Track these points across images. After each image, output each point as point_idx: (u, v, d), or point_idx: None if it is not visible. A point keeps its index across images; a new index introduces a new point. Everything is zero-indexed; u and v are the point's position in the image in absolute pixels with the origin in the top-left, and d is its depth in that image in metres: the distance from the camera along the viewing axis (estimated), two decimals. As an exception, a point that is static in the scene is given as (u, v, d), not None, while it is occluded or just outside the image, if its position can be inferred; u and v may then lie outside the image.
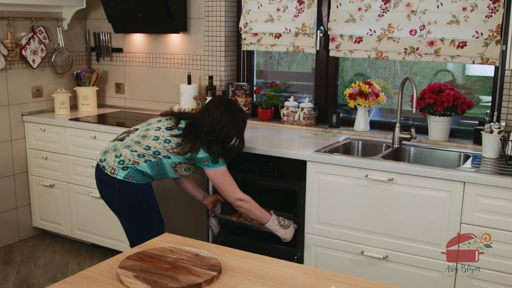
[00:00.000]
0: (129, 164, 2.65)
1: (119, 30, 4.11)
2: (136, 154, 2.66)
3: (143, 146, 2.66)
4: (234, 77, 3.88)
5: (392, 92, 3.51)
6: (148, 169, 2.66)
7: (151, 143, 2.66)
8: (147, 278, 1.50)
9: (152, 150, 2.65)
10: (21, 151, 4.00)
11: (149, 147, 2.66)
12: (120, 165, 2.65)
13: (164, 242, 1.81)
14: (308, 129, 3.46)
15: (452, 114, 3.04)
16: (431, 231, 2.56)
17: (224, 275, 1.56)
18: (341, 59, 3.56)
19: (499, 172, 2.48)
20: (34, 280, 3.47)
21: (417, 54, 3.09)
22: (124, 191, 2.66)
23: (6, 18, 3.76)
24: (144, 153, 2.65)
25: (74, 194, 3.84)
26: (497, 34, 2.84)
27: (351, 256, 2.79)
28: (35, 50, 3.93)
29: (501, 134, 2.68)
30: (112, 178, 2.65)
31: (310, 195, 2.85)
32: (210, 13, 3.73)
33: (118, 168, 2.65)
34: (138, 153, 2.65)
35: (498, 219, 2.40)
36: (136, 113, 4.07)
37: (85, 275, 1.57)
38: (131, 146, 2.68)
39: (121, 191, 2.66)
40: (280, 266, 1.64)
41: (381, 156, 2.84)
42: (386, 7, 3.14)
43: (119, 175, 2.64)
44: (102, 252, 3.84)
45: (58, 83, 4.19)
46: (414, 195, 2.58)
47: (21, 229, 4.08)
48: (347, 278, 1.56)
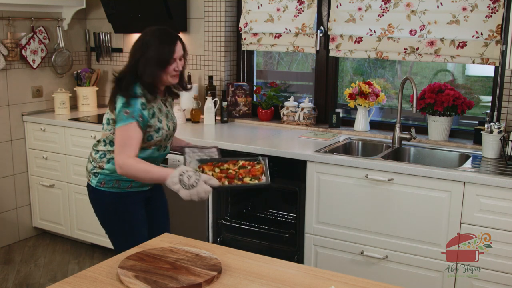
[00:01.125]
0: (98, 169, 2.31)
1: (119, 30, 4.11)
2: (98, 155, 2.32)
3: (101, 143, 2.32)
4: (234, 77, 3.88)
5: (392, 92, 3.51)
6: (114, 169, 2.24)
7: (103, 135, 2.31)
8: (147, 278, 1.50)
9: (106, 142, 2.30)
10: (21, 151, 4.00)
11: (103, 141, 2.31)
12: (92, 171, 2.35)
13: (164, 242, 1.81)
14: (308, 129, 3.46)
15: (452, 114, 3.04)
16: (431, 231, 2.56)
17: (224, 275, 1.56)
18: (341, 59, 3.56)
19: (499, 172, 2.48)
20: (34, 280, 3.47)
21: (417, 54, 3.09)
22: (96, 200, 2.36)
23: (6, 18, 3.76)
24: (104, 151, 2.30)
25: (74, 194, 3.84)
26: (497, 34, 2.84)
27: (351, 256, 2.79)
28: (35, 50, 3.93)
29: (501, 134, 2.68)
30: (88, 185, 2.39)
31: (310, 195, 2.85)
32: (210, 13, 3.73)
33: (92, 175, 2.35)
34: (100, 153, 2.31)
35: (498, 219, 2.40)
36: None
37: (85, 275, 1.57)
38: (95, 145, 2.37)
39: (94, 200, 2.37)
40: (280, 266, 1.64)
41: (381, 156, 2.84)
42: (386, 7, 3.14)
43: (92, 182, 2.34)
44: (102, 252, 3.84)
45: (58, 83, 4.19)
46: (414, 195, 2.58)
47: (21, 229, 4.08)
48: (347, 278, 1.55)
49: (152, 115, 2.20)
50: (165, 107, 2.33)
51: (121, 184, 2.30)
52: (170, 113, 2.37)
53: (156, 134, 2.23)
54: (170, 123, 2.33)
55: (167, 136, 2.30)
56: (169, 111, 2.37)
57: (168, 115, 2.33)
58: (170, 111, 2.38)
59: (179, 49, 2.23)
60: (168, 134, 2.31)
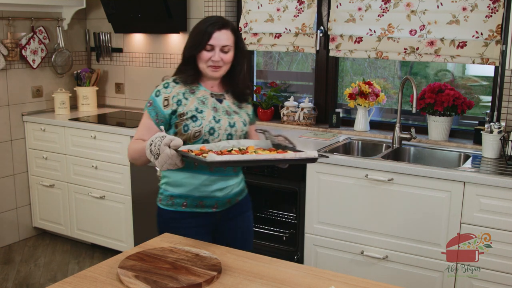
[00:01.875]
0: (161, 182, 2.13)
1: (119, 30, 4.11)
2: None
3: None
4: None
5: (392, 92, 3.51)
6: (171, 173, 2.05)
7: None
8: (147, 278, 1.50)
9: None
10: (21, 151, 4.00)
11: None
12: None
13: (164, 242, 1.81)
14: (308, 129, 3.46)
15: (452, 114, 3.04)
16: (431, 231, 2.56)
17: (224, 275, 1.56)
18: (341, 59, 3.56)
19: (499, 172, 2.48)
20: (34, 280, 3.47)
21: (417, 54, 3.09)
22: (156, 217, 2.12)
23: (6, 18, 3.76)
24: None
25: (74, 194, 3.84)
26: (497, 34, 2.84)
27: (351, 256, 2.79)
28: (35, 50, 3.93)
29: (501, 134, 2.68)
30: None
31: (310, 195, 2.85)
32: (210, 13, 3.73)
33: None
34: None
35: (498, 219, 2.40)
36: (136, 113, 4.06)
37: (85, 275, 1.57)
38: None
39: (156, 216, 2.13)
40: (280, 266, 1.64)
41: (381, 156, 2.84)
42: (386, 7, 3.14)
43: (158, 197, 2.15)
44: (102, 252, 3.84)
45: (58, 83, 4.19)
46: (414, 195, 2.58)
47: (21, 229, 4.08)
48: (347, 278, 1.55)
49: (177, 102, 2.01)
50: (219, 103, 2.07)
51: (174, 201, 2.05)
52: (231, 109, 2.09)
53: (193, 124, 1.99)
54: (223, 119, 2.05)
55: (212, 130, 2.00)
56: (231, 109, 2.09)
57: (223, 111, 2.06)
58: (231, 109, 2.09)
59: (220, 38, 1.99)
60: (216, 128, 2.01)
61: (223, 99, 2.10)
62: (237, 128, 2.07)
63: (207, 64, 2.01)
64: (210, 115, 2.03)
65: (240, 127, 2.08)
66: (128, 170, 3.52)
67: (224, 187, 2.07)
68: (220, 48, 1.99)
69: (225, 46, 2.00)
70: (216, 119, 2.03)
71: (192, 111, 2.01)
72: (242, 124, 2.10)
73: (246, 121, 2.13)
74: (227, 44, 2.00)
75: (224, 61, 2.02)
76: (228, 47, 2.01)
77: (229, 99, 2.12)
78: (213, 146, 1.92)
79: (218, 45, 1.99)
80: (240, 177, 2.18)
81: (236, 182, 2.13)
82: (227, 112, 2.08)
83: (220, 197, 2.07)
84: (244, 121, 2.11)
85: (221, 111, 2.06)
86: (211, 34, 1.98)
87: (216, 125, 2.02)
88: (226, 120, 2.05)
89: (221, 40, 1.99)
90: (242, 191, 2.19)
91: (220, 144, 1.94)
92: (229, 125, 2.05)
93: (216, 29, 1.99)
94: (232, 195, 2.11)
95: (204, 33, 1.99)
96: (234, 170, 2.12)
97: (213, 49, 1.99)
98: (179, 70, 2.09)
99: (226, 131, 2.04)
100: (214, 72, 2.03)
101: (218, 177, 2.05)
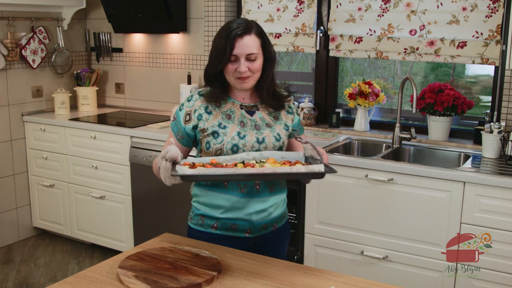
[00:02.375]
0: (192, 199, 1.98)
1: (119, 30, 4.11)
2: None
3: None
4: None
5: (392, 92, 3.51)
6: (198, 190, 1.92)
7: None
8: (147, 278, 1.50)
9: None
10: (21, 151, 4.00)
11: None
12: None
13: (164, 242, 1.81)
14: (308, 129, 3.46)
15: (452, 114, 3.04)
16: (431, 231, 2.56)
17: (224, 275, 1.56)
18: (341, 59, 3.56)
19: (499, 172, 2.48)
20: (34, 280, 3.47)
21: (417, 54, 3.09)
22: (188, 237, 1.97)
23: (6, 18, 3.76)
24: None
25: (74, 194, 3.84)
26: (497, 34, 2.84)
27: (351, 256, 2.79)
28: (35, 50, 3.93)
29: (501, 134, 2.68)
30: None
31: (310, 195, 2.85)
32: (210, 13, 3.73)
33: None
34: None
35: (498, 219, 2.40)
36: (136, 113, 4.07)
37: (85, 275, 1.57)
38: None
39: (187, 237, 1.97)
40: (280, 266, 1.64)
41: (381, 156, 2.84)
42: (386, 7, 3.14)
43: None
44: (102, 252, 3.84)
45: (58, 83, 4.19)
46: (414, 195, 2.58)
47: (21, 229, 4.08)
48: (347, 278, 1.55)
49: (198, 117, 1.84)
50: (249, 116, 1.87)
51: (205, 221, 1.89)
52: (263, 122, 1.88)
53: (214, 140, 1.81)
54: (250, 134, 1.84)
55: (235, 147, 1.81)
56: (263, 122, 1.88)
57: (251, 125, 1.86)
58: (264, 122, 1.88)
59: (244, 46, 1.78)
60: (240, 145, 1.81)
61: (256, 111, 1.89)
62: (266, 144, 1.84)
63: (234, 76, 1.81)
64: (234, 131, 1.82)
65: (271, 142, 1.85)
66: (128, 170, 3.52)
67: (260, 210, 1.85)
68: (245, 57, 1.78)
69: (250, 55, 1.79)
70: (241, 135, 1.82)
71: (213, 126, 1.83)
72: (274, 139, 1.86)
73: (282, 135, 1.89)
74: (252, 51, 1.79)
75: (252, 70, 1.80)
76: (254, 54, 1.79)
77: (263, 110, 1.90)
78: (228, 159, 1.74)
79: (242, 54, 1.78)
80: (281, 198, 1.93)
81: (274, 204, 1.89)
82: (256, 126, 1.86)
83: (254, 222, 1.86)
84: (277, 136, 1.87)
85: (249, 125, 1.85)
86: (233, 43, 1.77)
87: (240, 141, 1.81)
88: (253, 135, 1.83)
89: (245, 48, 1.78)
90: (281, 217, 1.95)
91: (238, 156, 1.75)
92: (257, 141, 1.83)
93: (237, 36, 1.77)
94: (269, 220, 1.89)
95: (225, 44, 1.77)
96: (271, 190, 1.87)
97: (237, 60, 1.79)
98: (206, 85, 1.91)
99: (253, 148, 1.82)
100: (243, 84, 1.82)
101: (250, 198, 1.84)
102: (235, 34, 1.77)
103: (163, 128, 3.49)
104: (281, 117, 1.92)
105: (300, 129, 2.01)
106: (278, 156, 1.78)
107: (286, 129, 1.92)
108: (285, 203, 1.98)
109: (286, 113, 1.95)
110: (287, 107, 1.96)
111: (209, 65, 1.86)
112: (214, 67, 1.83)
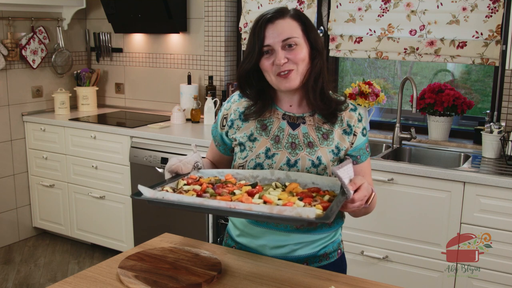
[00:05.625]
0: None
1: (119, 30, 4.11)
2: None
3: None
4: (234, 77, 3.88)
5: (392, 92, 3.51)
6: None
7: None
8: (147, 278, 1.49)
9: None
10: (21, 151, 4.00)
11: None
12: None
13: (164, 242, 1.81)
14: (308, 129, 3.46)
15: (452, 114, 3.04)
16: (431, 231, 2.56)
17: (224, 275, 1.56)
18: (341, 59, 3.56)
19: (499, 172, 2.48)
20: (34, 280, 3.47)
21: (417, 54, 3.09)
22: None
23: (6, 18, 3.76)
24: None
25: (74, 194, 3.84)
26: (497, 34, 2.84)
27: (351, 256, 2.78)
28: (35, 50, 3.93)
29: (501, 134, 2.68)
30: None
31: (310, 195, 2.84)
32: (210, 13, 3.73)
33: None
34: None
35: (498, 219, 2.40)
36: (136, 113, 4.07)
37: (85, 275, 1.56)
38: None
39: None
40: (280, 266, 1.64)
41: (381, 156, 2.84)
42: (386, 7, 3.14)
43: None
44: (102, 252, 3.84)
45: (58, 83, 4.19)
46: (414, 195, 2.58)
47: (21, 229, 4.08)
48: (347, 278, 1.55)
49: (230, 123, 1.58)
50: (290, 129, 1.53)
51: (227, 241, 1.70)
52: (306, 140, 1.51)
53: (239, 154, 1.54)
54: (281, 154, 1.51)
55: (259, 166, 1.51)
56: (306, 140, 1.51)
57: (288, 142, 1.52)
58: (307, 140, 1.51)
59: (276, 31, 1.44)
60: (264, 165, 1.51)
61: (301, 124, 1.53)
62: (298, 169, 1.49)
63: (274, 73, 1.46)
64: (263, 146, 1.51)
65: (305, 167, 1.48)
66: (128, 170, 3.52)
67: (277, 245, 1.56)
68: (280, 45, 1.44)
69: (287, 39, 1.43)
70: (270, 153, 1.50)
71: (243, 137, 1.54)
72: (311, 164, 1.49)
73: (324, 159, 1.49)
74: (289, 36, 1.43)
75: (293, 60, 1.44)
76: (292, 39, 1.43)
77: (310, 124, 1.52)
78: (247, 175, 1.48)
79: (276, 42, 1.43)
80: (318, 236, 1.55)
81: (304, 242, 1.55)
82: (293, 144, 1.51)
83: (275, 257, 1.56)
84: (316, 160, 1.49)
85: (284, 142, 1.51)
86: (263, 32, 1.44)
87: (266, 161, 1.50)
88: (284, 155, 1.50)
89: (278, 33, 1.43)
90: (317, 256, 1.58)
91: (260, 173, 1.46)
92: (287, 163, 1.49)
93: (268, 22, 1.44)
94: (293, 258, 1.57)
95: (254, 35, 1.45)
96: (297, 227, 1.49)
97: (272, 52, 1.45)
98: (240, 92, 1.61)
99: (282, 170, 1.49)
100: (285, 82, 1.46)
101: (264, 227, 1.54)
102: (265, 20, 1.44)
103: (163, 128, 3.49)
104: (332, 137, 1.51)
105: (362, 154, 1.57)
106: (308, 180, 1.43)
107: (335, 153, 1.51)
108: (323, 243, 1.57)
109: (342, 133, 1.53)
110: (345, 124, 1.53)
111: (240, 65, 1.53)
112: (245, 66, 1.49)
